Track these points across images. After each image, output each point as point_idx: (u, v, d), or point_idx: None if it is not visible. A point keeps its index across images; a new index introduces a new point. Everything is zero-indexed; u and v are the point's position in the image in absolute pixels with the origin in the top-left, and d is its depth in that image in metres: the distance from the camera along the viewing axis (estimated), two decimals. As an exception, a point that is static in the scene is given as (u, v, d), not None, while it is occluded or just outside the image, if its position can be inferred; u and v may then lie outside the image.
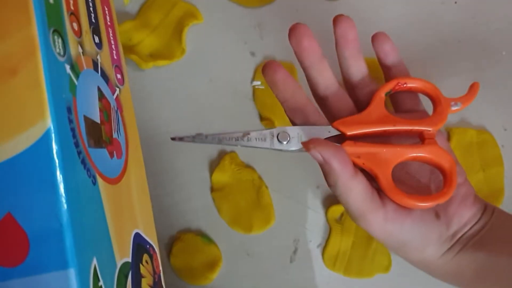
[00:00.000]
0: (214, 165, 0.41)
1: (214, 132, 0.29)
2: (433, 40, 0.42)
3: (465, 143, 0.40)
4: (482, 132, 0.40)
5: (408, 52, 0.37)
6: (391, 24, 0.42)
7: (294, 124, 0.29)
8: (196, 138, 0.28)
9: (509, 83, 0.41)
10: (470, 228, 0.28)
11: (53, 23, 0.22)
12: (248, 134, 0.28)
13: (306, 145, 0.26)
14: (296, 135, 0.28)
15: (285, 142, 0.28)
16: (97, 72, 0.28)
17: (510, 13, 0.43)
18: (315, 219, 0.40)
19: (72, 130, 0.22)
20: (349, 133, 0.28)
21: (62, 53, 0.22)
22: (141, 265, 0.28)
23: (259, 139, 0.28)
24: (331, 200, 0.41)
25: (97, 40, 0.29)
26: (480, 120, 0.41)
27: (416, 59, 0.41)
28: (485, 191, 0.39)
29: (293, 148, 0.28)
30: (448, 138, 0.40)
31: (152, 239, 0.31)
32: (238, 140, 0.28)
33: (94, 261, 0.22)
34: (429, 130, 0.28)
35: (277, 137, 0.28)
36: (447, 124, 0.41)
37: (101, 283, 0.22)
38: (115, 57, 0.32)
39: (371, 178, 0.28)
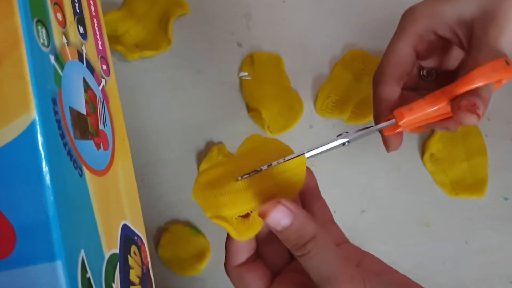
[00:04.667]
0: (201, 156, 0.41)
1: None
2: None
3: (449, 133, 0.40)
4: (466, 122, 0.41)
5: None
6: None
7: None
8: None
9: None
10: None
11: (37, 13, 0.22)
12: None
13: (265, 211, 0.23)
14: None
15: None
16: (82, 63, 0.27)
17: None
18: (303, 209, 0.41)
19: (58, 121, 0.22)
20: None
21: (46, 44, 0.22)
22: (129, 256, 0.28)
23: None
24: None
25: (82, 30, 0.28)
26: (464, 110, 0.41)
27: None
28: (469, 180, 0.40)
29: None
30: (433, 129, 0.41)
31: (140, 231, 0.31)
32: None
33: (82, 253, 0.22)
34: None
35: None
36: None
37: (89, 274, 0.22)
38: (101, 48, 0.32)
39: None
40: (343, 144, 0.26)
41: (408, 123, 0.27)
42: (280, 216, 0.22)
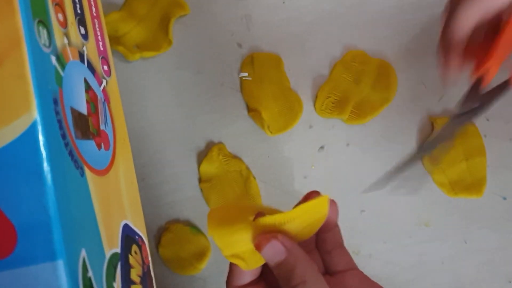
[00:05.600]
0: (202, 156, 0.41)
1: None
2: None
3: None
4: (466, 122, 0.41)
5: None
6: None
7: None
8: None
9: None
10: None
11: (38, 14, 0.22)
12: None
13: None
14: None
15: None
16: (84, 63, 0.27)
17: None
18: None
19: (59, 121, 0.22)
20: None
21: (47, 44, 0.22)
22: (130, 256, 0.28)
23: None
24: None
25: (83, 31, 0.28)
26: (463, 111, 0.41)
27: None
28: (468, 180, 0.40)
29: None
30: (432, 128, 0.41)
31: (141, 230, 0.31)
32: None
33: (83, 253, 0.22)
34: None
35: None
36: (431, 114, 0.41)
37: (90, 274, 0.22)
38: (102, 49, 0.32)
39: None
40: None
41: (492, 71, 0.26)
42: (274, 251, 0.22)
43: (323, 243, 0.26)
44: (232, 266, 0.25)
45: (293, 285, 0.22)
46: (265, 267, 0.26)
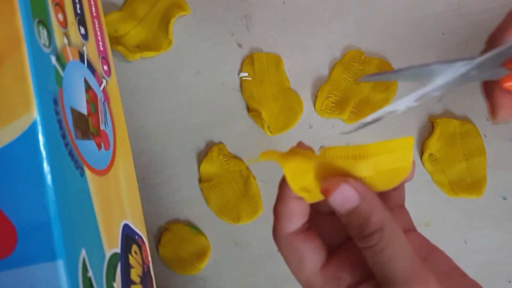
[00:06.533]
0: (202, 156, 0.41)
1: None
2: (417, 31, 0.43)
3: (448, 133, 0.40)
4: (465, 123, 0.41)
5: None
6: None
7: None
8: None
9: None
10: None
11: (38, 14, 0.22)
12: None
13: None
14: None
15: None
16: (84, 63, 0.27)
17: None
18: (303, 209, 0.41)
19: (59, 121, 0.22)
20: None
21: (47, 44, 0.22)
22: (130, 255, 0.28)
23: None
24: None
25: (83, 31, 0.29)
26: (463, 111, 0.41)
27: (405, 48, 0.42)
28: (468, 180, 0.40)
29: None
30: (432, 129, 0.41)
31: (141, 230, 0.31)
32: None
33: (83, 253, 0.22)
34: None
35: None
36: (431, 114, 0.41)
37: (90, 274, 0.22)
38: (102, 49, 0.32)
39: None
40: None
41: None
42: (344, 197, 0.19)
43: (386, 200, 0.24)
44: (279, 208, 0.22)
45: (368, 233, 0.19)
46: (313, 213, 0.23)
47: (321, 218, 0.24)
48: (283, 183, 0.22)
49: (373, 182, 0.21)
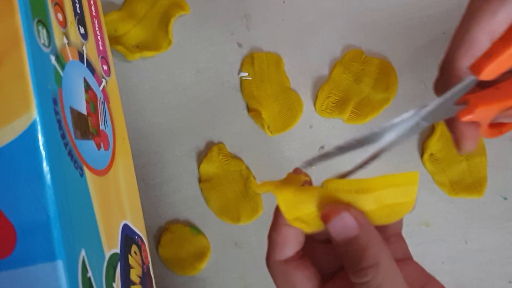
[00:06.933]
0: (202, 156, 0.41)
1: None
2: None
3: (449, 133, 0.40)
4: (466, 122, 0.41)
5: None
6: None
7: None
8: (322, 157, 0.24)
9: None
10: None
11: (37, 14, 0.22)
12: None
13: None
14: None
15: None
16: (83, 63, 0.27)
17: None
18: (303, 209, 0.41)
19: (58, 121, 0.22)
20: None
21: (47, 44, 0.22)
22: (129, 256, 0.28)
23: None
24: (318, 190, 0.41)
25: (82, 31, 0.28)
26: (463, 111, 0.41)
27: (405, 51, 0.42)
28: (468, 180, 0.40)
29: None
30: (432, 129, 0.41)
31: (140, 230, 0.31)
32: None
33: (83, 253, 0.22)
34: None
35: None
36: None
37: (89, 274, 0.22)
38: (101, 48, 0.32)
39: None
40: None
41: (489, 74, 0.22)
42: (344, 225, 0.19)
43: (384, 227, 0.23)
44: (273, 236, 0.22)
45: (363, 267, 0.19)
46: (308, 241, 0.23)
47: (316, 245, 0.24)
48: (277, 211, 0.22)
49: (374, 216, 0.21)
